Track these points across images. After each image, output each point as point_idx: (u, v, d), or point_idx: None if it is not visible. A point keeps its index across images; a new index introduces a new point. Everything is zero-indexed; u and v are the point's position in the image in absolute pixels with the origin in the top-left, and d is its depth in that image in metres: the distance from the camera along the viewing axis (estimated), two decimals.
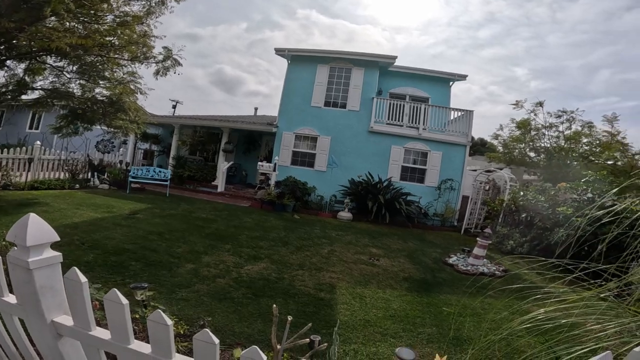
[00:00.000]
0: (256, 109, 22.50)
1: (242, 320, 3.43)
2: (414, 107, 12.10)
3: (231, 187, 13.27)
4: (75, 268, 1.26)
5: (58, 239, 1.33)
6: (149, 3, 7.82)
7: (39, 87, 8.61)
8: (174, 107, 24.67)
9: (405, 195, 10.82)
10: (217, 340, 1.12)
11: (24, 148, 10.00)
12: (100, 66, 8.25)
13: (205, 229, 6.96)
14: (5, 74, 8.45)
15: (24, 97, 9.32)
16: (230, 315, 3.50)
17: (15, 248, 1.37)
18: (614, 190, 2.82)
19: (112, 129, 9.50)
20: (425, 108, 12.02)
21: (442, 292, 4.99)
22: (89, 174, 11.29)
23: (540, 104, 13.78)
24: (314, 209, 11.15)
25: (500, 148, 15.40)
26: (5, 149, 9.56)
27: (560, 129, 13.62)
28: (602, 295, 1.93)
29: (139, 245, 5.26)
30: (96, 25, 7.50)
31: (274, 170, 11.44)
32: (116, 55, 8.11)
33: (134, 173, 10.79)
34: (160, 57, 8.56)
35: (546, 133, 13.92)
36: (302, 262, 5.59)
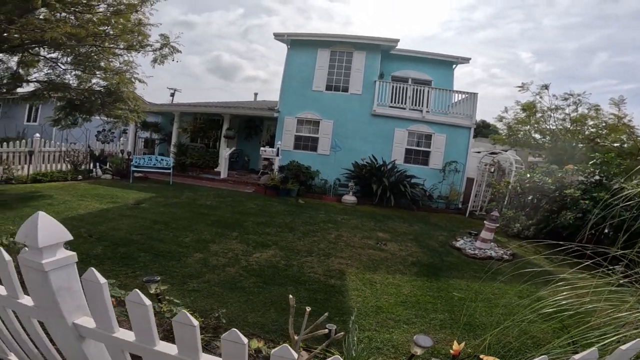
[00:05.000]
0: (256, 94, 22.27)
1: (254, 309, 3.43)
2: (416, 89, 11.90)
3: (234, 173, 13.21)
4: (93, 269, 1.22)
5: (71, 237, 1.27)
6: None
7: (34, 80, 8.47)
8: (172, 95, 24.28)
9: (409, 178, 10.77)
10: (246, 340, 1.10)
11: (24, 141, 9.87)
12: (95, 56, 8.08)
13: (210, 216, 6.94)
14: None
15: (19, 90, 9.17)
16: (243, 305, 3.50)
17: (27, 249, 1.31)
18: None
19: (111, 119, 9.39)
20: (428, 91, 11.83)
21: (451, 276, 4.99)
22: (91, 165, 11.20)
23: (546, 86, 13.64)
24: (318, 193, 11.12)
25: (504, 130, 15.27)
26: (5, 143, 9.42)
27: (567, 111, 13.49)
28: (612, 282, 1.90)
29: (145, 235, 5.24)
30: (88, 15, 7.30)
31: (277, 155, 11.35)
32: (111, 45, 7.94)
33: (136, 162, 10.71)
34: (157, 45, 8.40)
35: (552, 115, 13.78)
36: (310, 248, 5.58)
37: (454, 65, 13.64)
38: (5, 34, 6.76)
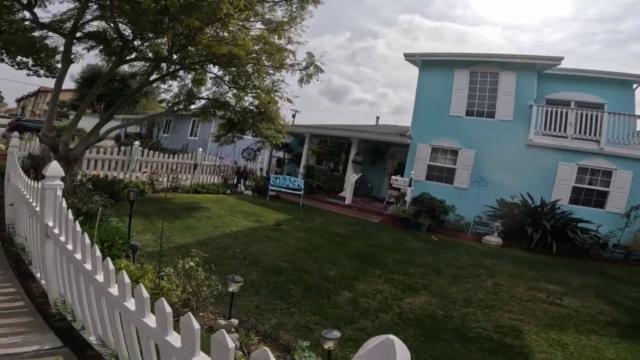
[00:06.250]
0: (378, 118, 22.18)
1: None
2: (585, 115, 9.79)
3: (358, 199, 12.89)
4: None
5: None
6: (290, 8, 7.41)
7: (206, 97, 9.12)
8: (294, 116, 25.61)
9: (575, 222, 8.75)
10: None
11: (188, 154, 11.42)
12: (252, 75, 8.17)
13: (346, 247, 6.66)
14: (178, 84, 9.21)
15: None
16: None
17: None
18: None
19: (260, 138, 9.93)
20: (603, 116, 9.55)
21: None
22: (236, 180, 12.31)
23: None
24: (451, 230, 9.94)
25: None
26: (175, 155, 11.08)
27: None
28: None
29: (292, 264, 5.16)
30: (242, 34, 7.13)
31: (410, 186, 10.61)
32: (261, 65, 7.88)
33: (272, 182, 11.36)
34: (304, 64, 7.97)
35: None
36: (468, 298, 4.81)
37: (635, 85, 11.03)
38: (189, 48, 6.89)
